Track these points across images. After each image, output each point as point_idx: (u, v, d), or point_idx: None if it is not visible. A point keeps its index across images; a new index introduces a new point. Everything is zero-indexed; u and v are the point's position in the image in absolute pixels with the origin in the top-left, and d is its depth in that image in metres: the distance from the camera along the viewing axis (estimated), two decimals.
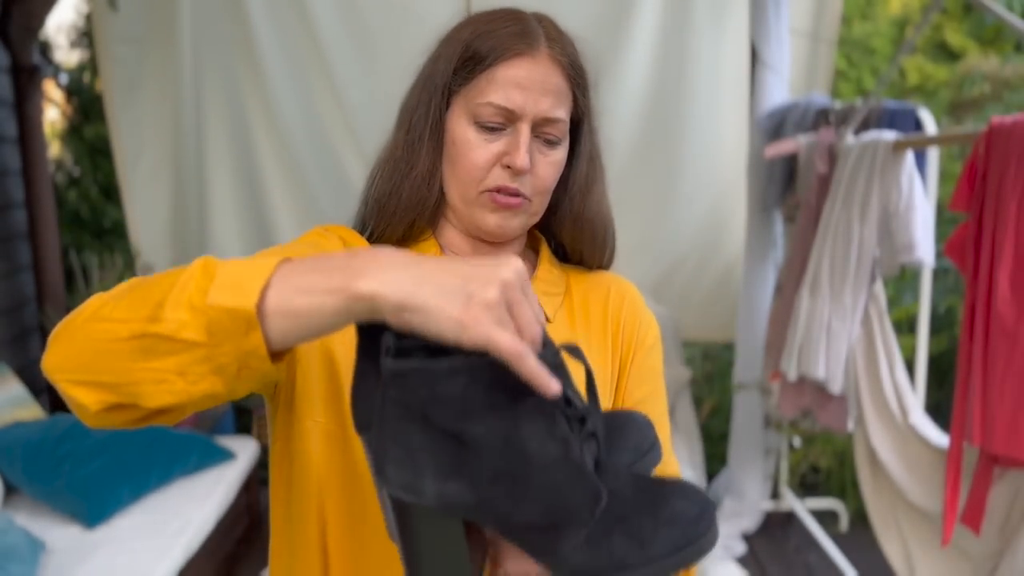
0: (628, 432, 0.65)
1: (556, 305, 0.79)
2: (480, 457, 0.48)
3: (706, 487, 2.85)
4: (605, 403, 0.81)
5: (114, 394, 0.49)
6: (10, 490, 2.10)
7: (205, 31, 2.71)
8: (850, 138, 1.99)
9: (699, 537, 0.51)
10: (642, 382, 0.81)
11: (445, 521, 0.51)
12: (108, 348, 0.49)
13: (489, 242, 0.76)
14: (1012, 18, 1.52)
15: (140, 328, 0.48)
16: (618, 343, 0.81)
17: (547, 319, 0.78)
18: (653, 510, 0.52)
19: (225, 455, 2.33)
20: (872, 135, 1.89)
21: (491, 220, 0.72)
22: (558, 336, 0.78)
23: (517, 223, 0.74)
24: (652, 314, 0.85)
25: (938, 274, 2.68)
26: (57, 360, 0.50)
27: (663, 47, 2.80)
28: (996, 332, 1.43)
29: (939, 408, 2.40)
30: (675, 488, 0.53)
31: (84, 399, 0.50)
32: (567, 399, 0.52)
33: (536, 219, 0.76)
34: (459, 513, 0.50)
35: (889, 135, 1.84)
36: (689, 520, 0.51)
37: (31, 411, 2.34)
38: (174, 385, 0.48)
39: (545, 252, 0.81)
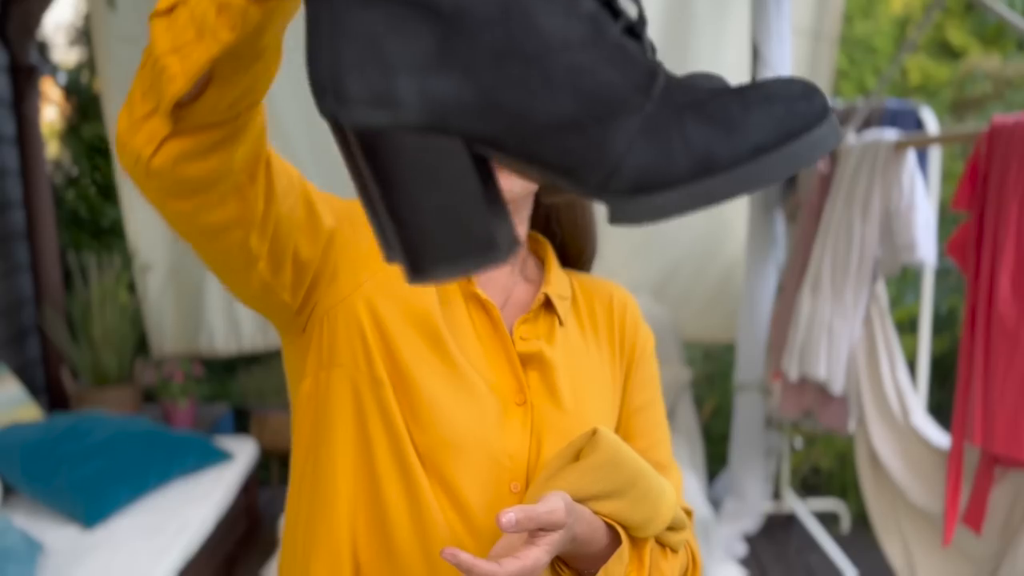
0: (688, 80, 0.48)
1: (566, 309, 0.79)
2: (471, 34, 0.35)
3: (707, 488, 2.84)
4: (613, 408, 0.80)
5: (149, 101, 0.48)
6: (8, 491, 2.10)
7: None
8: (852, 137, 1.98)
9: (814, 118, 0.36)
10: (643, 388, 0.82)
11: (439, 144, 0.36)
12: (142, 65, 0.48)
13: None
14: (1014, 17, 1.51)
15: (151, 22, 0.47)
16: (624, 350, 0.82)
17: (560, 322, 0.78)
18: (739, 92, 0.37)
19: (224, 456, 2.33)
20: (873, 134, 1.88)
21: None
22: (568, 342, 0.78)
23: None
24: (647, 324, 0.88)
25: (941, 274, 2.67)
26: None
27: (664, 46, 2.80)
28: (997, 332, 1.43)
29: (942, 408, 2.39)
30: (767, 80, 0.38)
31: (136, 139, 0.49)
32: None
33: (526, 217, 0.76)
34: (455, 123, 0.36)
35: (891, 134, 1.83)
36: (793, 96, 0.37)
37: (29, 411, 2.33)
38: (173, 68, 0.45)
39: (552, 257, 0.81)
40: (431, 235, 0.38)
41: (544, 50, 0.36)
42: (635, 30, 0.40)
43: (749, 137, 0.36)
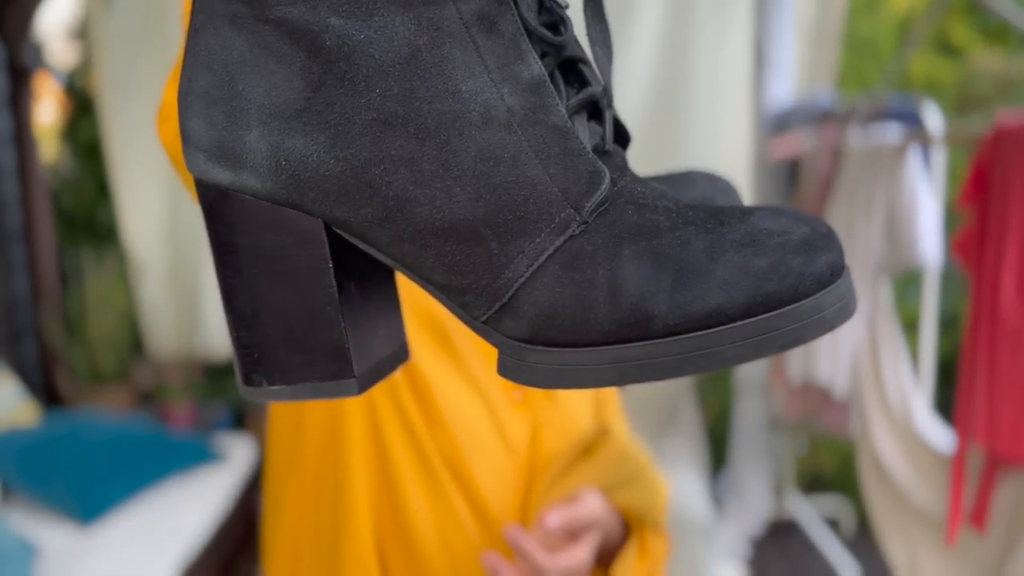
0: (685, 183, 0.38)
1: None
2: (354, 85, 0.26)
3: (709, 489, 2.83)
4: (587, 400, 0.81)
5: None
6: (5, 491, 2.09)
7: None
8: (855, 136, 1.97)
9: (810, 283, 0.25)
10: None
11: (291, 223, 0.27)
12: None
13: None
14: (1016, 15, 1.50)
15: None
16: None
17: None
18: (716, 220, 0.27)
19: (222, 455, 2.32)
20: (876, 131, 1.86)
21: None
22: None
23: None
24: None
25: (949, 274, 2.65)
26: None
27: (665, 45, 2.78)
28: (1001, 332, 1.42)
29: (949, 409, 2.37)
30: (765, 208, 0.27)
31: None
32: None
33: None
34: (312, 200, 0.27)
35: (894, 129, 1.82)
36: (790, 244, 0.25)
37: (26, 411, 2.33)
38: None
39: None
40: (266, 343, 0.29)
41: (452, 122, 0.26)
42: (597, 107, 0.30)
43: (707, 294, 0.25)
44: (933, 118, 1.91)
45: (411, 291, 0.70)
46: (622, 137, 0.32)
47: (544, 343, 0.27)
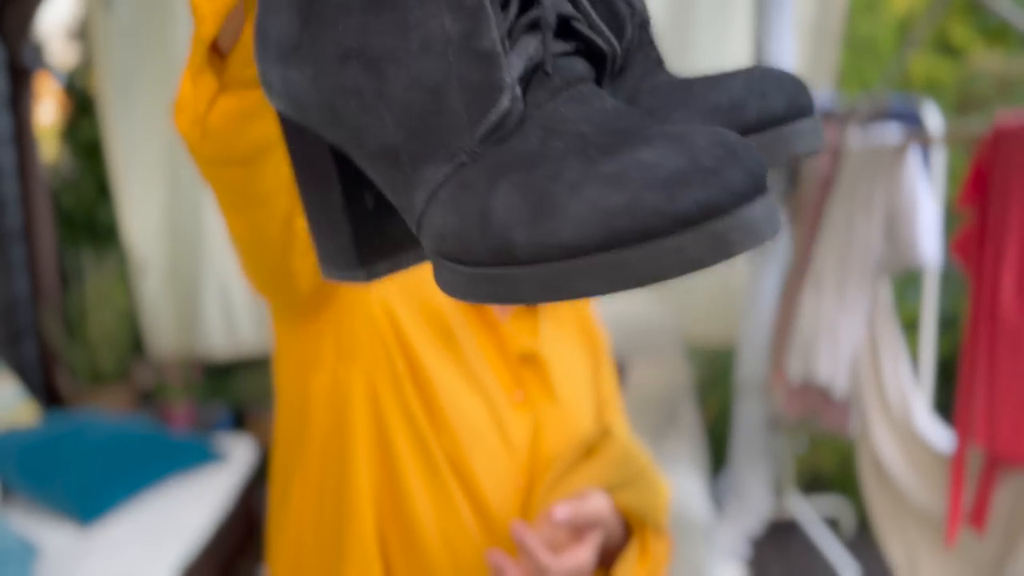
0: (710, 86, 0.36)
1: (545, 307, 0.80)
2: (325, 22, 0.29)
3: (709, 489, 2.83)
4: (594, 400, 0.81)
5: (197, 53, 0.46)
6: (5, 492, 2.09)
7: None
8: (854, 136, 1.97)
9: (674, 217, 0.24)
10: (608, 381, 0.86)
11: (311, 141, 0.33)
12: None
13: None
14: (1016, 15, 1.50)
15: None
16: (592, 345, 0.85)
17: (541, 318, 0.79)
18: (600, 153, 0.26)
19: (222, 456, 2.32)
20: (876, 131, 1.86)
21: None
22: (551, 338, 0.78)
23: None
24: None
25: (948, 274, 2.65)
26: None
27: (665, 45, 2.78)
28: (1000, 332, 1.42)
29: (949, 409, 2.37)
30: (673, 132, 0.26)
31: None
32: None
33: None
34: (312, 123, 0.31)
35: (893, 131, 1.82)
36: (658, 178, 0.25)
37: (26, 410, 2.33)
38: (202, 8, 0.43)
39: None
40: (313, 235, 0.35)
41: (393, 52, 0.28)
42: (569, 26, 0.30)
43: (559, 229, 0.25)
44: (933, 118, 1.91)
45: (417, 287, 0.70)
46: (597, 58, 0.33)
47: (446, 259, 0.29)
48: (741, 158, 0.25)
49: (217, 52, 0.45)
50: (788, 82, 0.35)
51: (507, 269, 0.26)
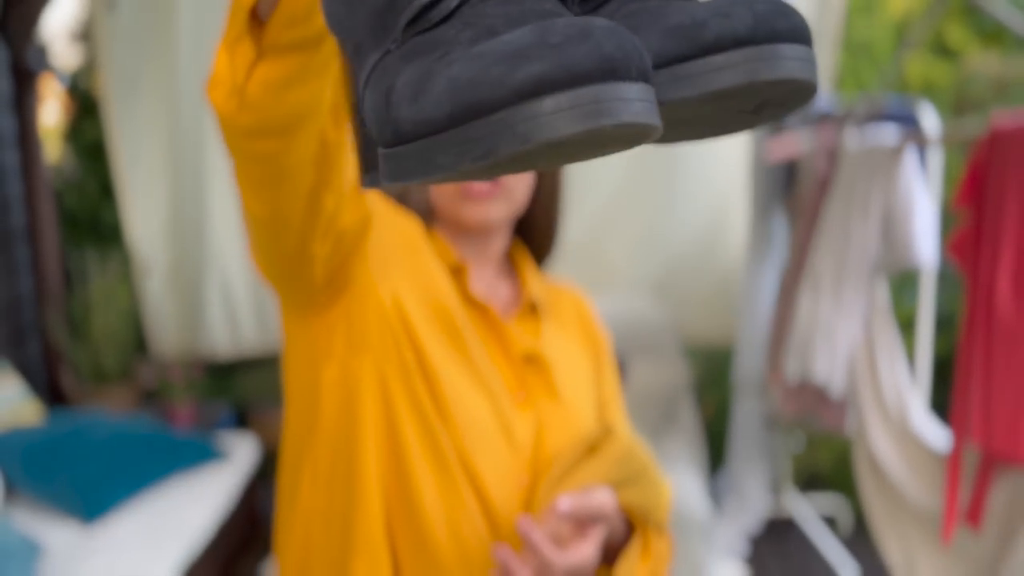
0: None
1: (547, 308, 0.82)
2: None
3: (707, 488, 2.84)
4: (595, 400, 0.82)
5: (235, 23, 0.47)
6: (9, 490, 2.10)
7: (204, 31, 2.70)
8: (851, 137, 1.98)
9: (510, 90, 0.24)
10: (610, 381, 0.87)
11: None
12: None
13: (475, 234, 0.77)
14: (1012, 17, 1.51)
15: None
16: (594, 346, 0.86)
17: (544, 320, 0.80)
18: (489, 36, 0.27)
19: (225, 454, 2.33)
20: (873, 132, 1.88)
21: (469, 212, 0.72)
22: (554, 338, 0.79)
23: (496, 211, 0.74)
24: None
25: (945, 274, 2.67)
26: None
27: None
28: (996, 331, 1.43)
29: (945, 408, 2.39)
30: (541, 24, 0.26)
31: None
32: None
33: (520, 207, 0.77)
34: (333, 29, 0.35)
35: (890, 132, 1.83)
36: (507, 52, 0.25)
37: (30, 410, 2.34)
38: None
39: (526, 256, 0.83)
40: (354, 141, 0.36)
41: None
42: None
43: (424, 106, 0.26)
44: (929, 119, 1.93)
45: (427, 284, 0.72)
46: None
47: (380, 143, 0.30)
48: (596, 40, 0.25)
49: (256, 19, 0.46)
50: (762, 5, 0.33)
51: (398, 148, 0.28)
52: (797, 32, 0.32)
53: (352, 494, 0.69)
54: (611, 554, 0.73)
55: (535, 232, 0.85)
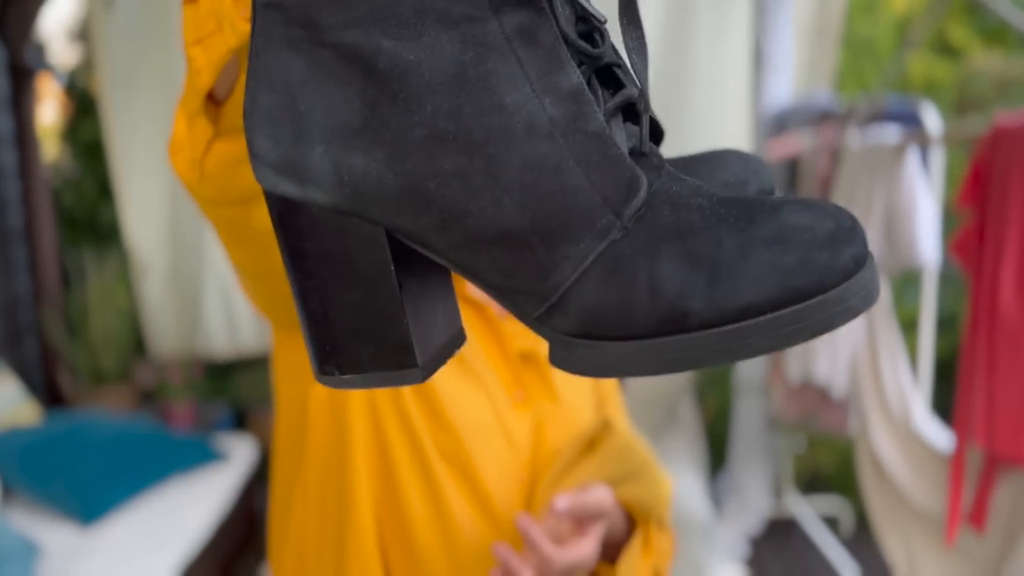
0: (712, 165, 0.38)
1: None
2: (408, 104, 0.28)
3: (708, 489, 2.83)
4: (593, 398, 0.82)
5: (192, 99, 0.45)
6: (6, 491, 2.09)
7: None
8: (853, 137, 1.97)
9: (835, 275, 0.27)
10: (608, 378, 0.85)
11: (356, 230, 0.30)
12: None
13: None
14: (1015, 16, 1.50)
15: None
16: None
17: None
18: (746, 217, 0.28)
19: (223, 456, 2.32)
20: (875, 132, 1.87)
21: None
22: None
23: None
24: None
25: (947, 274, 2.66)
26: None
27: (664, 45, 2.78)
28: (1000, 331, 1.42)
29: (947, 409, 2.38)
30: (794, 201, 0.29)
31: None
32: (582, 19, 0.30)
33: None
34: (374, 211, 0.29)
35: (892, 132, 1.82)
36: (817, 239, 0.27)
37: (28, 410, 2.33)
38: (198, 60, 0.44)
39: None
40: (337, 338, 0.31)
41: (499, 135, 0.27)
42: (633, 109, 0.30)
43: (739, 291, 0.26)
44: (931, 118, 1.92)
45: None
46: (656, 133, 0.34)
47: (591, 338, 0.29)
48: (855, 222, 0.28)
49: (212, 100, 0.45)
50: (756, 163, 0.37)
51: (678, 337, 0.27)
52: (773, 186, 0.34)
53: (344, 512, 0.69)
54: (612, 550, 0.73)
55: None
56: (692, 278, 0.27)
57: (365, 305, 0.30)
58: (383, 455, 0.68)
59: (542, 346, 0.77)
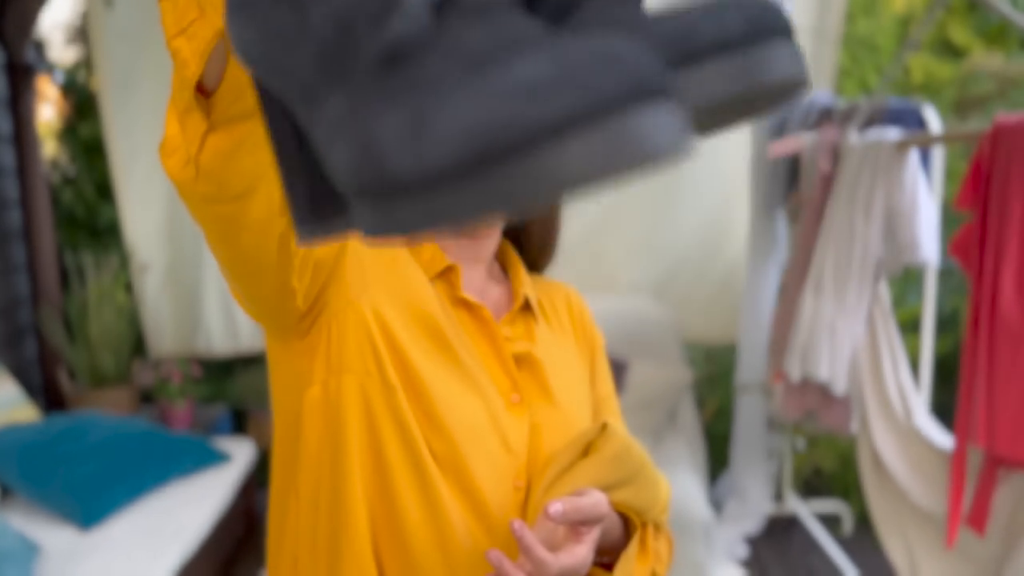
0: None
1: (539, 309, 0.81)
2: None
3: (709, 489, 2.83)
4: (590, 401, 0.81)
5: (182, 96, 0.46)
6: (5, 492, 2.09)
7: None
8: (854, 136, 1.97)
9: (555, 117, 0.22)
10: (604, 381, 0.86)
11: (269, 96, 0.32)
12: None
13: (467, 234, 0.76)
14: (1016, 16, 1.50)
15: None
16: (587, 345, 0.85)
17: (536, 321, 0.79)
18: (497, 57, 0.24)
19: (222, 457, 2.32)
20: (876, 133, 1.87)
21: None
22: (546, 339, 0.79)
23: None
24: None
25: (945, 274, 2.65)
26: None
27: None
28: (1000, 332, 1.42)
29: (946, 409, 2.38)
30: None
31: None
32: None
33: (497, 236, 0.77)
34: (258, 73, 0.31)
35: (893, 133, 1.82)
36: (548, 75, 0.23)
37: (26, 412, 2.32)
38: (183, 51, 0.44)
39: (516, 258, 0.83)
40: (286, 194, 0.33)
41: None
42: None
43: (429, 151, 0.23)
44: (932, 118, 1.91)
45: (408, 294, 0.70)
46: None
47: (353, 196, 0.28)
48: (622, 61, 0.23)
49: (202, 92, 0.45)
50: (748, 7, 0.31)
51: (391, 201, 0.24)
52: (781, 25, 0.31)
53: (338, 516, 0.68)
54: (609, 555, 0.72)
55: (532, 238, 0.84)
56: (401, 136, 0.24)
57: (284, 164, 0.32)
58: (378, 458, 0.68)
59: (538, 349, 0.77)
